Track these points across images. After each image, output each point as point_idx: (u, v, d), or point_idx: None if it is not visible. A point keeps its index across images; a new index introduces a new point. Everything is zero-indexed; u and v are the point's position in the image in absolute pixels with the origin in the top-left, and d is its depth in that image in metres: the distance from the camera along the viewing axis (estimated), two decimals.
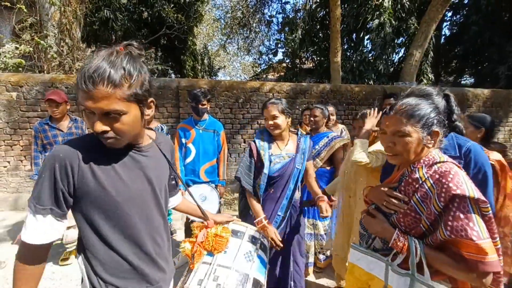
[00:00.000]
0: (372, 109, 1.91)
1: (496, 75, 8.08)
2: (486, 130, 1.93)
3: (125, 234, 0.87)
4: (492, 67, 8.29)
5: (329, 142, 2.54)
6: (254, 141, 1.80)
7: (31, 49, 4.87)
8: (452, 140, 1.29)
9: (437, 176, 0.92)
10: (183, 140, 2.63)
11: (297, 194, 1.84)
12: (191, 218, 2.47)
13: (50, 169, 0.77)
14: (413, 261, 0.91)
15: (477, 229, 0.84)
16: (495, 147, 2.34)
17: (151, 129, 1.08)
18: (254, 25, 10.03)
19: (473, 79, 10.47)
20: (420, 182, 0.95)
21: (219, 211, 2.56)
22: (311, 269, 2.56)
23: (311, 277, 2.55)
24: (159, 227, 0.97)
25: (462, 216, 0.85)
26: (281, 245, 1.60)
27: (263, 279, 1.21)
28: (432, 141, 0.98)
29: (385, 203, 1.03)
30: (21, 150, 4.23)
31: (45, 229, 0.79)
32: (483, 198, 0.86)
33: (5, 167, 4.23)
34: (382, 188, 1.07)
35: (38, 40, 4.72)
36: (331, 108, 3.17)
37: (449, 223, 0.87)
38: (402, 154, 1.00)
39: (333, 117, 3.23)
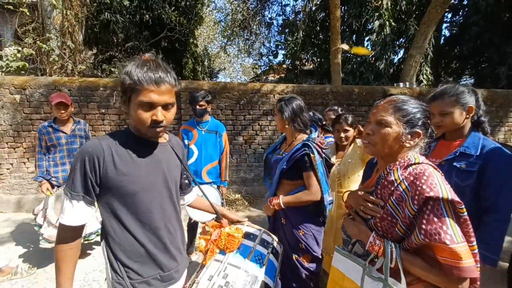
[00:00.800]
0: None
1: (497, 76, 8.09)
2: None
3: (141, 220, 0.98)
4: (492, 67, 8.30)
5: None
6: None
7: (34, 52, 4.92)
8: (477, 140, 1.32)
9: (411, 178, 0.89)
10: (186, 142, 2.67)
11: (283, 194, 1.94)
12: (194, 219, 2.51)
13: (80, 162, 0.91)
14: (386, 265, 0.88)
15: (450, 233, 0.81)
16: None
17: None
18: (255, 27, 10.08)
19: (473, 80, 10.49)
20: (395, 184, 0.92)
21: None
22: None
23: None
24: (171, 216, 1.07)
25: (435, 219, 0.82)
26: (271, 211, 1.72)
27: (272, 284, 1.21)
28: (411, 141, 0.95)
29: (362, 208, 1.02)
30: (24, 152, 4.27)
31: (80, 212, 0.93)
32: (457, 199, 0.83)
33: (8, 169, 4.26)
34: (359, 193, 1.06)
35: (41, 44, 4.76)
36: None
37: (423, 226, 0.84)
38: (377, 145, 0.97)
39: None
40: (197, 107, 2.56)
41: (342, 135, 2.05)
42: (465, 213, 0.84)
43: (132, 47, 7.97)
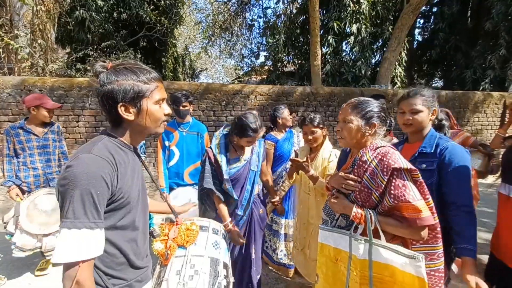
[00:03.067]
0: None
1: (463, 79, 8.64)
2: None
3: (126, 232, 0.95)
4: (459, 71, 8.86)
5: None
6: (211, 148, 1.88)
7: (0, 49, 4.62)
8: (433, 139, 1.41)
9: (379, 156, 1.14)
10: (166, 143, 2.61)
11: (257, 189, 2.00)
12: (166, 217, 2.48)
13: (87, 186, 0.80)
14: (369, 229, 1.10)
15: (411, 193, 1.06)
16: (484, 150, 2.50)
17: None
18: (236, 29, 10.08)
19: (442, 82, 11.13)
20: (368, 163, 1.16)
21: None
22: (291, 271, 2.58)
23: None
24: (146, 221, 1.07)
25: (400, 184, 1.07)
26: (243, 243, 1.86)
27: (229, 262, 1.40)
28: (370, 131, 1.21)
29: (344, 186, 1.22)
30: None
31: (102, 239, 0.84)
32: (413, 167, 1.09)
33: None
34: (340, 173, 1.27)
35: (8, 40, 4.49)
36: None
37: (392, 191, 1.08)
38: (346, 138, 1.25)
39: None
40: (180, 108, 2.52)
41: (310, 136, 2.01)
42: (420, 177, 1.10)
43: (108, 46, 7.68)
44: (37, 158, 2.65)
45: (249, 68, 12.58)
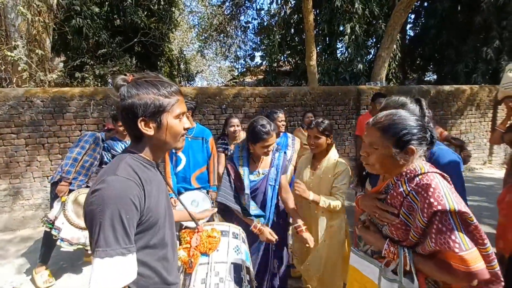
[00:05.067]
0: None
1: (456, 73, 8.81)
2: None
3: (158, 250, 0.93)
4: (451, 65, 9.03)
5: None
6: (232, 161, 1.84)
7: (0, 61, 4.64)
8: None
9: (419, 189, 0.93)
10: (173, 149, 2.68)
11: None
12: (186, 225, 2.54)
13: (116, 211, 0.78)
14: (400, 269, 0.95)
15: (458, 241, 0.86)
16: (456, 142, 2.63)
17: None
18: (231, 31, 10.15)
19: (435, 77, 11.30)
20: (404, 195, 0.97)
21: (212, 216, 2.62)
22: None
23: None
24: (174, 235, 1.05)
25: (444, 229, 0.88)
26: (277, 238, 1.72)
27: (250, 266, 1.39)
28: (406, 158, 0.98)
29: (378, 216, 1.06)
30: None
31: (134, 263, 0.81)
32: (464, 209, 0.88)
33: None
34: (374, 198, 1.09)
35: (8, 52, 4.50)
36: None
37: (433, 236, 0.90)
38: (375, 165, 1.02)
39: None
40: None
41: (312, 141, 1.93)
42: (474, 221, 0.89)
43: (104, 53, 7.70)
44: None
45: (244, 69, 12.66)
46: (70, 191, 2.60)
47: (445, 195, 0.90)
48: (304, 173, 2.05)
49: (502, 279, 0.92)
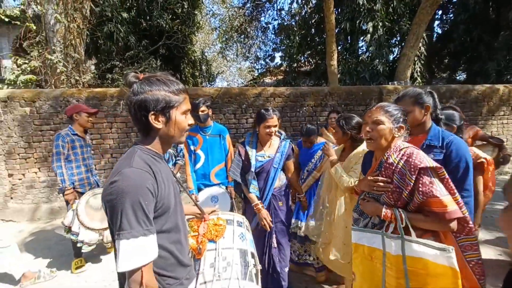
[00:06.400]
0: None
1: (486, 71, 8.34)
2: (457, 127, 2.09)
3: (172, 234, 1.02)
4: (482, 63, 8.55)
5: (323, 155, 2.56)
6: (243, 144, 2.24)
7: (41, 64, 5.07)
8: (438, 133, 1.52)
9: (405, 157, 1.23)
10: (192, 147, 2.77)
11: (278, 183, 2.19)
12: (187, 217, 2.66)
13: (136, 198, 0.86)
14: (400, 226, 1.19)
15: (439, 189, 1.16)
16: (494, 141, 2.55)
17: None
18: (251, 32, 10.28)
19: (465, 75, 10.74)
20: (395, 164, 1.25)
21: (231, 210, 2.71)
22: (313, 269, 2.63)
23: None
24: (185, 222, 1.16)
25: (427, 182, 1.17)
26: (271, 225, 2.07)
27: (255, 251, 1.51)
28: (399, 133, 1.31)
29: (375, 188, 1.32)
30: (35, 163, 4.40)
31: (155, 243, 0.91)
32: (438, 165, 1.19)
33: (20, 179, 4.39)
34: (369, 177, 1.36)
35: (49, 56, 4.92)
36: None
37: (420, 188, 1.17)
38: (377, 139, 1.31)
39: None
40: (200, 112, 2.64)
41: (335, 137, 2.20)
42: (445, 175, 1.20)
43: (132, 56, 8.13)
44: (86, 162, 2.99)
45: (264, 70, 12.75)
46: (81, 194, 2.79)
47: (424, 157, 1.21)
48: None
49: (471, 223, 1.24)
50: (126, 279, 0.88)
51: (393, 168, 1.26)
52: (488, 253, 2.84)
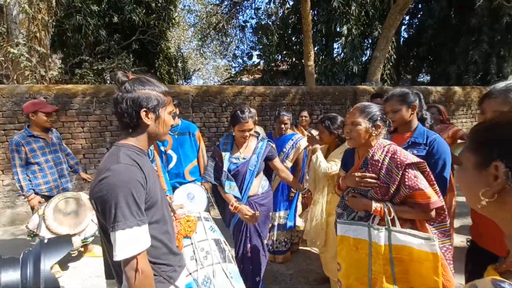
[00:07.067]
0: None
1: (448, 74, 9.05)
2: (429, 126, 2.30)
3: (161, 225, 1.08)
4: (444, 66, 9.27)
5: (295, 144, 2.75)
6: (218, 146, 2.15)
7: (2, 58, 4.66)
8: (423, 132, 1.67)
9: (390, 154, 1.34)
10: (162, 148, 2.69)
11: (255, 190, 2.08)
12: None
13: (128, 191, 0.91)
14: (387, 218, 1.30)
15: (423, 182, 1.28)
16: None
17: None
18: (229, 30, 10.23)
19: (429, 78, 11.57)
20: (381, 161, 1.35)
21: (208, 205, 2.69)
22: (281, 256, 2.82)
23: (286, 269, 2.75)
24: (171, 217, 1.24)
25: (412, 176, 1.28)
26: (255, 219, 1.90)
27: (223, 239, 1.64)
28: (376, 132, 1.39)
29: (363, 184, 1.39)
30: None
31: (148, 232, 0.96)
32: (420, 160, 1.31)
33: None
34: (356, 174, 1.42)
35: (12, 49, 4.53)
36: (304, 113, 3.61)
37: (406, 183, 1.28)
38: (356, 138, 1.41)
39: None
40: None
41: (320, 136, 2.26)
42: (427, 168, 1.32)
43: (102, 51, 7.72)
44: (52, 163, 2.77)
45: (241, 68, 12.73)
46: (49, 197, 2.62)
47: (407, 154, 1.33)
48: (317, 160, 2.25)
49: (446, 211, 1.34)
50: (122, 267, 0.92)
51: (379, 164, 1.35)
52: (456, 240, 3.13)
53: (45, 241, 0.81)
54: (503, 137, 0.53)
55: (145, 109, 1.01)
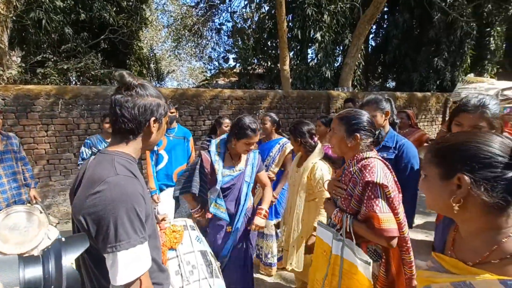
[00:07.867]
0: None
1: (411, 81, 9.76)
2: None
3: (152, 240, 0.98)
4: (408, 74, 9.98)
5: (281, 148, 2.62)
6: (209, 154, 1.85)
7: None
8: (393, 136, 1.77)
9: (361, 168, 1.25)
10: (155, 148, 2.70)
11: (249, 204, 1.95)
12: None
13: (130, 205, 0.83)
14: (343, 231, 1.26)
15: (380, 205, 1.18)
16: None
17: None
18: (205, 32, 10.13)
19: (394, 84, 12.37)
20: (353, 173, 1.29)
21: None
22: (274, 269, 2.62)
23: (272, 278, 2.63)
24: (157, 227, 1.17)
25: (372, 196, 1.20)
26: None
27: (210, 250, 1.55)
28: (352, 142, 1.30)
29: (333, 191, 1.41)
30: None
31: (148, 250, 0.88)
32: (386, 184, 1.18)
33: None
34: (333, 180, 1.45)
35: None
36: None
37: (365, 201, 1.22)
38: (334, 146, 1.39)
39: None
40: (168, 113, 2.61)
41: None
42: (391, 194, 1.20)
43: (68, 49, 7.25)
44: (2, 173, 2.48)
45: (217, 71, 12.67)
46: None
47: (377, 172, 1.21)
48: (292, 168, 2.21)
49: (409, 244, 1.24)
50: None
51: (350, 176, 1.30)
52: (417, 236, 3.37)
53: (63, 239, 0.76)
54: (467, 155, 0.62)
55: (154, 117, 0.95)
